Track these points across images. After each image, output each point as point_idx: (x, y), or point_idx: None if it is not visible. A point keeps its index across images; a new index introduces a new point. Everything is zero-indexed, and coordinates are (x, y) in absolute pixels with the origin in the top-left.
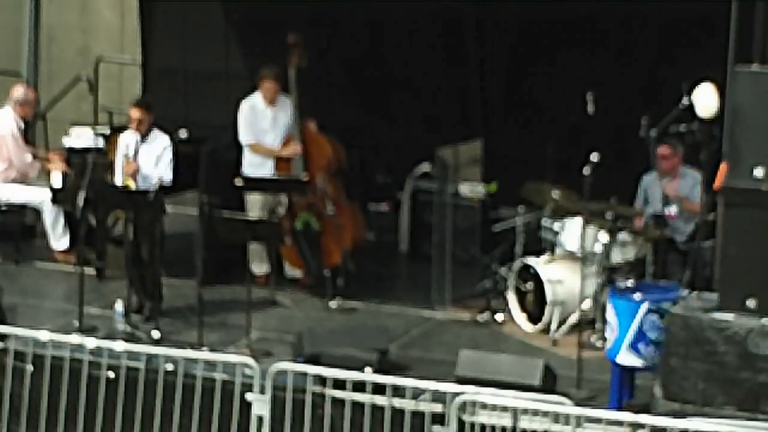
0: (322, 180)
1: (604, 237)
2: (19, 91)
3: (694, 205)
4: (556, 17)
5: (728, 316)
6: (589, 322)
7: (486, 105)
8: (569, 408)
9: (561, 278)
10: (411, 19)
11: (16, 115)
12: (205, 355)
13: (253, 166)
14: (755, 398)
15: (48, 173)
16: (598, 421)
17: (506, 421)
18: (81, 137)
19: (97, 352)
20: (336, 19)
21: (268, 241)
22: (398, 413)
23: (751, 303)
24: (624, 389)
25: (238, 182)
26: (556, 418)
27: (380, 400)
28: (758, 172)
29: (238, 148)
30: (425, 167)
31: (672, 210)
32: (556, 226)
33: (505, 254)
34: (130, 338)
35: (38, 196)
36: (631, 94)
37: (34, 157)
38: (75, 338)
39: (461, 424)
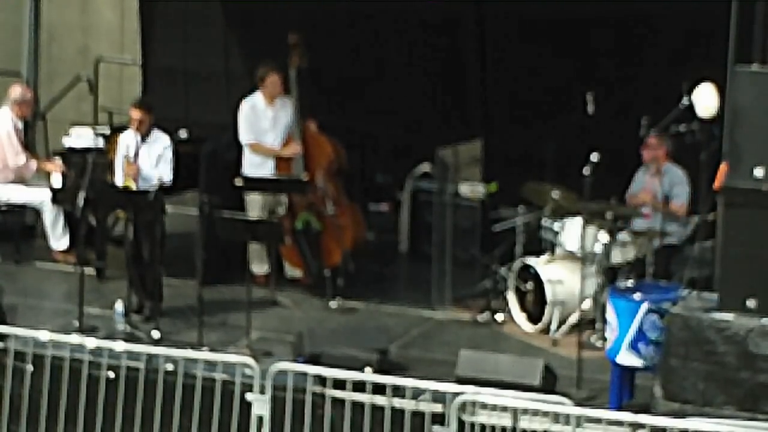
0: (322, 180)
1: (604, 237)
2: (16, 90)
3: (674, 206)
4: (557, 17)
5: (728, 316)
6: (589, 322)
7: (486, 105)
8: (569, 408)
9: (561, 278)
10: (411, 18)
11: (13, 115)
12: (205, 355)
13: (253, 166)
14: (755, 398)
15: (47, 174)
16: (598, 421)
17: (506, 421)
18: (81, 137)
19: (97, 352)
20: (336, 19)
21: (268, 241)
22: (398, 413)
23: (751, 303)
24: (624, 389)
25: (238, 182)
26: (556, 418)
27: (380, 400)
28: (758, 172)
29: (238, 148)
30: (425, 167)
31: (646, 208)
32: (556, 226)
33: (505, 254)
34: (130, 338)
35: (38, 196)
36: (631, 94)
37: (29, 159)
38: (75, 338)
39: (461, 424)
